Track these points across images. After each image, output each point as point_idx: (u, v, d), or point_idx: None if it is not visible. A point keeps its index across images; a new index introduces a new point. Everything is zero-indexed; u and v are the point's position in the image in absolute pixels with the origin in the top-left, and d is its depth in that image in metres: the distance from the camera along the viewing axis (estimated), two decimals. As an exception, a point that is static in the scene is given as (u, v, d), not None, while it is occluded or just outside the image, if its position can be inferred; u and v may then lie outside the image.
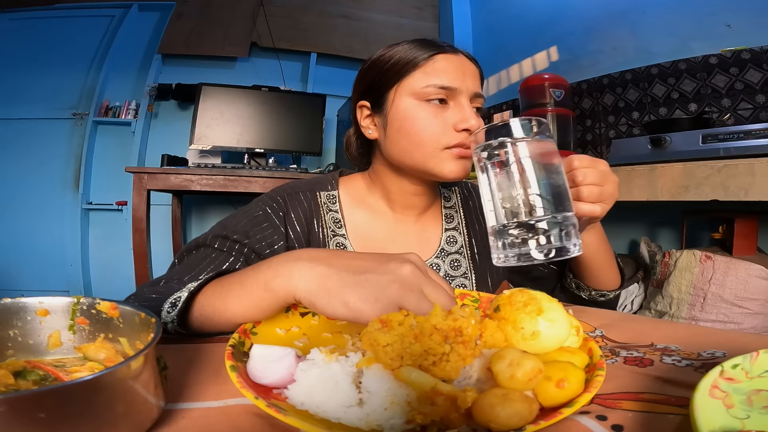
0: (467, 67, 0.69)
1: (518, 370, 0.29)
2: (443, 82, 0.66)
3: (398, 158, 0.70)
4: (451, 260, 0.77)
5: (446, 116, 0.66)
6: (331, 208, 0.75)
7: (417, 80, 0.67)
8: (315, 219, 0.74)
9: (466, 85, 0.67)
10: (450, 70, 0.67)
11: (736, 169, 1.18)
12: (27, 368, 0.32)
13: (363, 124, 0.74)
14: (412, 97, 0.67)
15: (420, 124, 0.66)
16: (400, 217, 0.77)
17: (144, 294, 0.52)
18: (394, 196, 0.75)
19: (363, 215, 0.76)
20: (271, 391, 0.33)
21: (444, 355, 0.32)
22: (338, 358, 0.33)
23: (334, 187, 0.78)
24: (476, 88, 0.69)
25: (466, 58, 0.70)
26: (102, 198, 2.95)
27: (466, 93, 0.67)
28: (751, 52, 1.66)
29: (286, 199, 0.73)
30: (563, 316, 0.36)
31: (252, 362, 0.34)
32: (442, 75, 0.66)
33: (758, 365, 0.29)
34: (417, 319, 0.33)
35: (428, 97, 0.66)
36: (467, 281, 0.76)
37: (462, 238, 0.79)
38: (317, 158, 3.10)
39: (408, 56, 0.68)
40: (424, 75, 0.67)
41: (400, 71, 0.68)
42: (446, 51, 0.68)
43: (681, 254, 1.55)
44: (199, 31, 3.01)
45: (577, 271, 0.73)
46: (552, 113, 2.15)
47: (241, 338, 0.39)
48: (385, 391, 0.30)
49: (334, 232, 0.74)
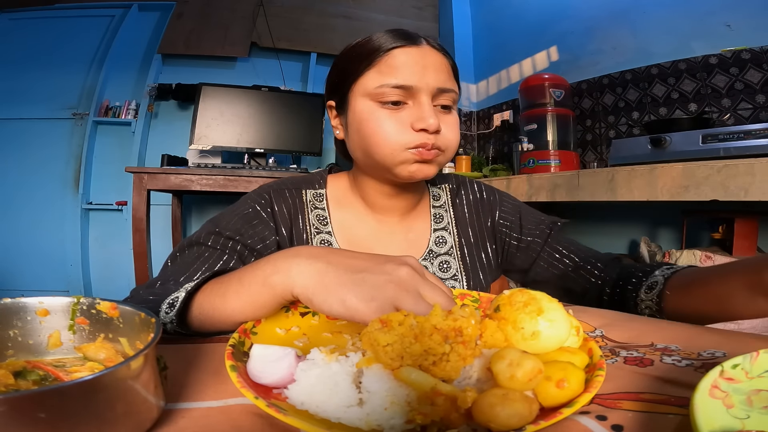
0: (429, 60, 0.63)
1: (518, 370, 0.29)
2: (398, 80, 0.62)
3: (361, 161, 0.69)
4: (440, 262, 0.74)
5: (402, 116, 0.63)
6: (318, 206, 0.74)
7: (371, 80, 0.63)
8: (299, 216, 0.73)
9: (426, 81, 0.62)
10: (408, 66, 0.62)
11: (736, 169, 1.18)
12: (27, 368, 0.32)
13: (333, 124, 0.73)
14: (367, 98, 0.64)
15: (375, 125, 0.63)
16: (382, 218, 0.75)
17: (140, 296, 0.52)
18: (371, 198, 0.73)
19: (348, 214, 0.75)
20: (271, 391, 0.33)
21: (444, 355, 0.32)
22: (338, 358, 0.33)
23: (322, 185, 0.76)
24: (440, 83, 0.63)
25: (432, 50, 0.64)
26: (102, 198, 2.96)
27: (426, 90, 0.62)
28: (751, 52, 1.66)
29: (272, 195, 0.73)
30: (563, 316, 0.36)
31: (252, 362, 0.34)
32: (398, 72, 0.62)
33: (758, 365, 0.29)
34: (417, 319, 0.33)
35: (383, 98, 0.62)
36: (457, 283, 0.73)
37: (452, 239, 0.76)
38: (317, 158, 3.10)
39: (363, 53, 0.64)
40: (378, 74, 0.63)
41: (355, 71, 0.65)
42: (405, 44, 0.63)
43: (681, 254, 1.55)
44: (199, 31, 3.01)
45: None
46: (552, 113, 2.15)
47: (241, 338, 0.39)
48: (385, 391, 0.30)
49: (318, 229, 0.72)
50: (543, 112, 2.16)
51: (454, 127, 0.66)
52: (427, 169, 0.65)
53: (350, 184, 0.76)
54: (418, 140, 0.62)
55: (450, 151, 0.66)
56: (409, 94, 0.63)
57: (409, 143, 0.62)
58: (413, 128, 0.62)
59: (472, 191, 0.81)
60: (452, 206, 0.79)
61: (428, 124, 0.61)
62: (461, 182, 0.82)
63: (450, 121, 0.66)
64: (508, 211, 0.79)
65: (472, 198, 0.80)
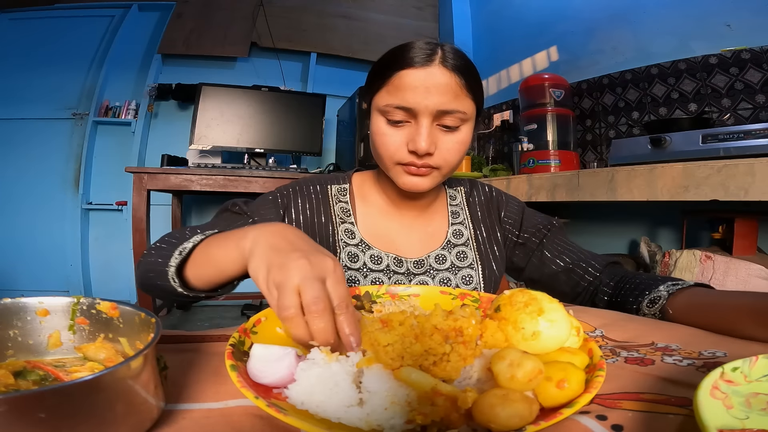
0: (433, 82, 0.64)
1: (518, 370, 0.29)
2: (401, 102, 0.65)
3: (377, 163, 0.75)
4: (457, 252, 0.79)
5: (402, 134, 0.67)
6: (341, 199, 0.80)
7: (381, 98, 0.68)
8: (323, 208, 0.78)
9: (426, 103, 0.64)
10: (411, 89, 0.65)
11: (736, 169, 1.18)
12: (27, 368, 0.32)
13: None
14: (378, 112, 0.69)
15: (379, 139, 0.69)
16: (403, 212, 0.80)
17: (163, 238, 0.65)
18: (390, 194, 0.79)
19: (371, 208, 0.80)
20: (272, 391, 0.33)
21: (444, 355, 0.32)
22: (338, 358, 0.33)
23: (346, 181, 0.82)
24: (442, 105, 0.65)
25: (441, 70, 0.65)
26: (102, 198, 2.96)
27: (426, 112, 0.65)
28: (751, 52, 1.66)
29: (292, 193, 0.79)
30: (564, 317, 0.36)
31: (252, 362, 0.34)
32: (402, 94, 0.65)
33: (757, 369, 0.30)
34: (418, 319, 0.33)
35: (388, 116, 0.67)
36: (473, 272, 0.78)
37: (468, 232, 0.82)
38: (317, 158, 3.11)
39: (379, 70, 0.69)
40: (387, 94, 0.67)
41: (371, 87, 0.71)
42: (414, 64, 0.65)
43: (681, 254, 1.55)
44: (199, 31, 3.01)
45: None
46: (552, 113, 2.15)
47: (241, 337, 0.39)
48: (385, 391, 0.30)
49: (342, 219, 0.78)
50: (543, 112, 2.16)
51: (455, 147, 0.68)
52: (421, 183, 0.70)
53: (374, 181, 0.82)
54: (407, 159, 0.68)
55: (446, 169, 0.70)
56: (411, 115, 0.66)
57: (400, 160, 0.68)
58: (408, 148, 0.67)
59: (483, 192, 0.87)
60: (467, 205, 0.85)
61: (417, 147, 0.65)
62: (474, 184, 0.88)
63: (450, 141, 0.68)
64: (513, 210, 0.84)
65: (483, 198, 0.86)
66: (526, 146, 2.19)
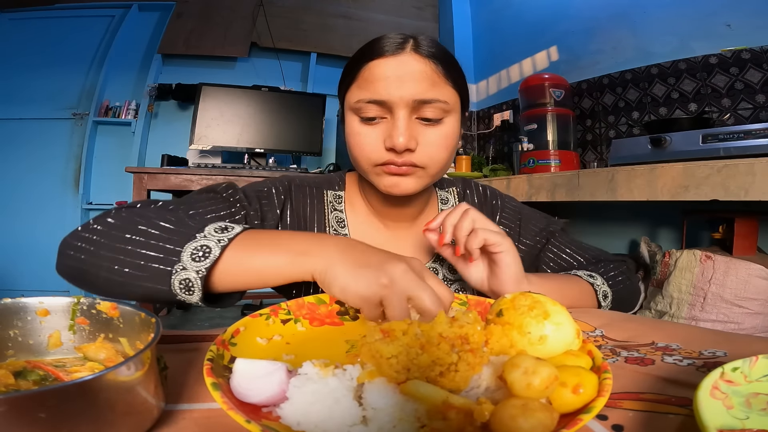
0: (408, 70, 0.59)
1: (534, 378, 0.27)
2: (372, 95, 0.59)
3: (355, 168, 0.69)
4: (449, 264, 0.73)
5: (377, 132, 0.61)
6: (336, 207, 0.74)
7: (352, 94, 0.62)
8: (318, 216, 0.73)
9: (400, 94, 0.58)
10: (382, 79, 0.59)
11: (736, 169, 1.17)
12: (27, 368, 0.32)
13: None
14: (351, 111, 0.63)
15: (354, 140, 0.63)
16: (390, 224, 0.74)
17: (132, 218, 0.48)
18: (374, 205, 0.73)
19: (358, 216, 0.75)
20: (260, 410, 0.29)
21: (452, 365, 0.30)
22: (335, 372, 0.31)
23: (341, 187, 0.76)
24: (419, 94, 0.59)
25: (415, 57, 0.60)
26: (102, 198, 2.96)
27: (402, 104, 0.59)
28: (751, 52, 1.66)
29: (292, 188, 0.72)
30: (569, 320, 0.35)
31: (236, 378, 0.30)
32: (372, 87, 0.59)
33: (757, 370, 0.30)
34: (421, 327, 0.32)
35: (361, 113, 0.61)
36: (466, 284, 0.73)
37: None
38: (317, 158, 3.11)
39: (348, 66, 0.64)
40: (357, 89, 0.62)
41: (342, 84, 0.65)
42: (384, 53, 0.60)
43: (681, 254, 1.55)
44: (199, 31, 3.01)
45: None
46: (552, 113, 2.15)
47: (219, 350, 0.35)
48: (391, 406, 0.27)
49: (336, 231, 0.73)
50: (543, 112, 2.16)
51: (439, 141, 0.62)
52: (405, 184, 0.63)
53: (359, 188, 0.76)
54: (385, 158, 0.61)
55: (434, 168, 0.63)
56: (386, 109, 0.60)
57: (377, 160, 0.61)
58: (385, 145, 0.60)
59: (477, 193, 0.81)
60: None
61: (395, 143, 0.59)
62: (467, 185, 0.83)
63: (433, 134, 0.61)
64: (509, 217, 0.79)
65: (477, 200, 0.81)
66: (526, 146, 2.19)
